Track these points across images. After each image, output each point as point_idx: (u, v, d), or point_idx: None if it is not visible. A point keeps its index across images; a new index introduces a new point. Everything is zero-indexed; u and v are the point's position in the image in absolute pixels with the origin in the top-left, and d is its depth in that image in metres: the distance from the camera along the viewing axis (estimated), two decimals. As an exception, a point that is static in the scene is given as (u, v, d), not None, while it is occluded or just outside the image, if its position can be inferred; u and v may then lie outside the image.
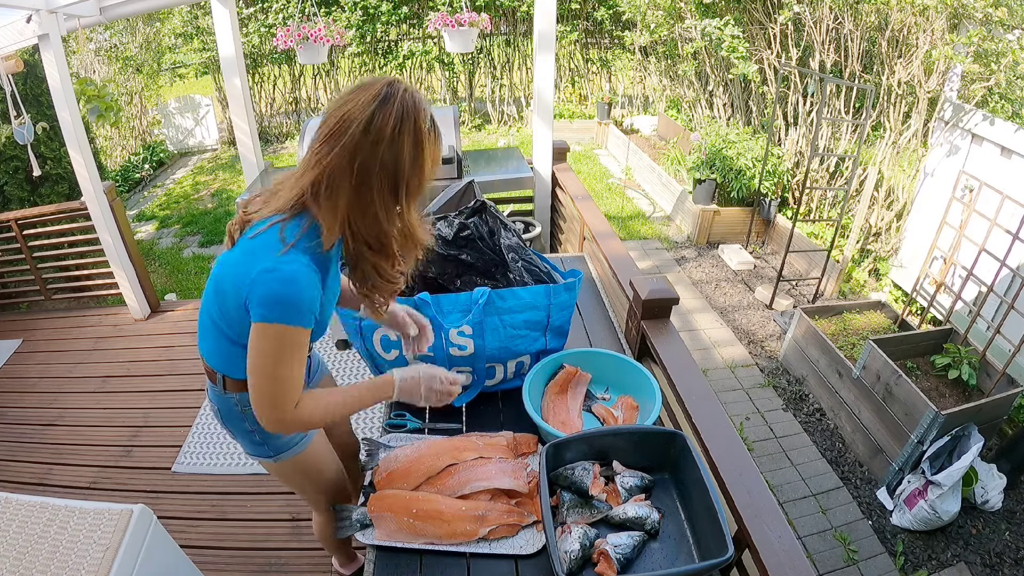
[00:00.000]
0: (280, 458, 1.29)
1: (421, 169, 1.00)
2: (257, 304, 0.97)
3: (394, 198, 1.00)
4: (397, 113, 0.95)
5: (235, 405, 1.21)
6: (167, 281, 4.60)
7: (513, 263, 1.52)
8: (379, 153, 0.95)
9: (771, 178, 4.58)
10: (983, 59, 3.52)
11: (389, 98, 0.95)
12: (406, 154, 0.97)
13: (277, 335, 0.98)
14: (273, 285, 0.95)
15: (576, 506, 1.18)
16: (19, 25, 2.68)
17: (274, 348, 0.99)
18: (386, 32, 7.37)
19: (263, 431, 1.19)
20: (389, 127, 0.94)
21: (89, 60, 6.61)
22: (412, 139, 0.97)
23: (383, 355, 1.43)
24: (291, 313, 0.97)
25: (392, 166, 0.97)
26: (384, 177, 0.97)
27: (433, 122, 1.01)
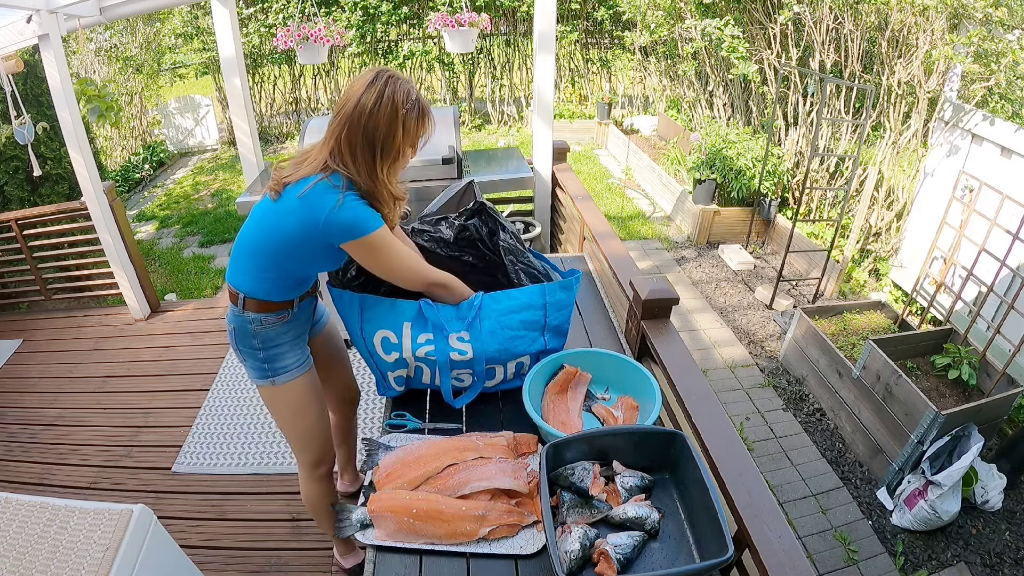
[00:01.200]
0: (278, 381, 1.48)
1: (394, 138, 1.25)
2: (340, 233, 1.24)
3: (373, 159, 1.26)
4: (378, 93, 1.21)
5: (248, 323, 1.42)
6: (167, 281, 4.60)
7: (511, 265, 1.52)
8: (363, 124, 1.23)
9: (771, 178, 4.58)
10: (983, 59, 3.52)
11: (374, 81, 1.22)
12: (381, 123, 1.22)
13: (371, 241, 1.26)
14: (346, 213, 1.23)
15: (576, 506, 1.18)
16: (19, 25, 2.68)
17: (376, 253, 1.29)
18: (386, 32, 7.38)
19: (270, 349, 1.45)
20: (370, 103, 1.21)
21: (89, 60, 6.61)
22: (388, 113, 1.22)
23: (383, 356, 1.43)
24: (367, 222, 1.25)
25: (371, 134, 1.23)
26: (366, 143, 1.24)
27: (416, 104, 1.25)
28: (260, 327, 1.42)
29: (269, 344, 1.45)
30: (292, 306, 1.45)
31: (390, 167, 1.29)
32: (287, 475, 2.37)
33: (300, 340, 1.52)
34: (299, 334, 1.52)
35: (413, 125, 1.26)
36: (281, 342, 1.46)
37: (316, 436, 1.62)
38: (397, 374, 1.48)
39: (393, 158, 1.28)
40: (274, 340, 1.45)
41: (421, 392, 1.59)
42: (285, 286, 1.40)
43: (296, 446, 1.64)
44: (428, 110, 1.29)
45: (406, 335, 1.40)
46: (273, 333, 1.44)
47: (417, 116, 1.26)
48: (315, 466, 1.67)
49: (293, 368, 1.49)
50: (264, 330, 1.43)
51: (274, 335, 1.44)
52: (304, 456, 1.65)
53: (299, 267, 1.38)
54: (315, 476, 1.69)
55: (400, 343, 1.41)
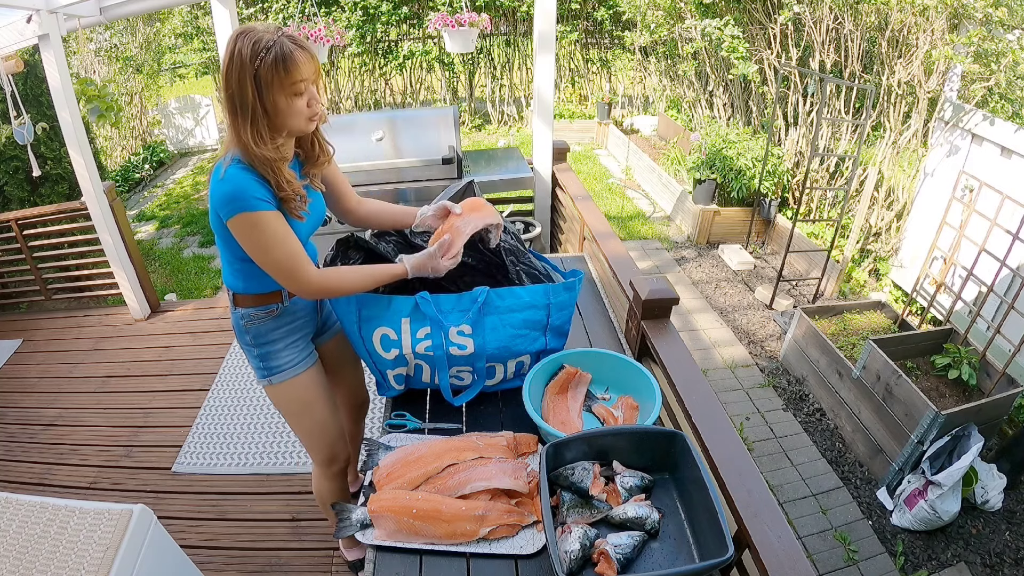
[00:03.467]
0: (275, 380, 1.47)
1: (245, 95, 1.15)
2: (219, 207, 1.19)
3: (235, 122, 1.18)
4: (229, 51, 1.14)
5: (240, 319, 1.41)
6: (167, 281, 4.60)
7: (512, 266, 1.52)
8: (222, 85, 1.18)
9: (771, 178, 4.58)
10: (983, 59, 3.52)
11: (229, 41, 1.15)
12: (234, 83, 1.14)
13: (246, 221, 1.18)
14: (224, 186, 1.17)
15: (576, 506, 1.18)
16: (19, 25, 2.68)
17: (250, 233, 1.20)
18: (386, 32, 7.38)
19: (260, 345, 1.43)
20: (224, 62, 1.15)
21: (89, 60, 6.62)
22: (238, 70, 1.13)
23: (383, 355, 1.43)
24: (243, 202, 1.17)
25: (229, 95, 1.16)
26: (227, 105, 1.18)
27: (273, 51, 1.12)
28: (250, 322, 1.41)
29: (261, 340, 1.43)
30: (280, 299, 1.42)
31: (254, 127, 1.18)
32: (287, 475, 2.37)
33: (298, 339, 1.49)
34: (296, 332, 1.48)
35: (268, 74, 1.13)
36: (273, 339, 1.44)
37: (323, 434, 1.60)
38: (397, 372, 1.48)
39: (252, 116, 1.16)
40: (265, 336, 1.43)
41: (421, 392, 1.59)
42: (258, 274, 1.32)
43: (304, 444, 1.64)
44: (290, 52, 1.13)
45: (405, 331, 1.40)
46: (264, 329, 1.42)
47: (274, 63, 1.13)
48: (327, 464, 1.66)
49: (288, 367, 1.47)
50: (254, 325, 1.41)
51: (264, 331, 1.42)
52: (314, 454, 1.65)
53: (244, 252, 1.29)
54: (328, 474, 1.68)
55: (399, 339, 1.41)
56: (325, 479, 1.69)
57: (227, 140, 1.23)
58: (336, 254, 1.50)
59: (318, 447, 1.62)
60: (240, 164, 1.20)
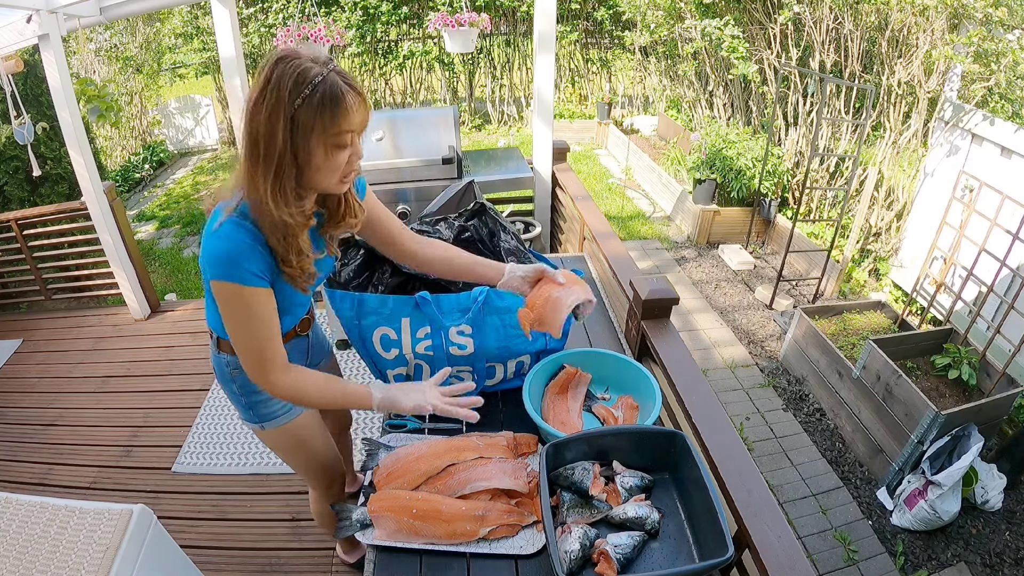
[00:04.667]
0: (266, 426, 1.36)
1: (274, 140, 0.93)
2: (205, 264, 1.02)
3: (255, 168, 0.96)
4: (264, 83, 0.92)
5: (225, 366, 1.29)
6: (167, 281, 4.61)
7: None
8: (246, 126, 0.95)
9: (771, 178, 4.58)
10: (983, 59, 3.52)
11: (262, 69, 0.93)
12: (263, 125, 0.93)
13: (228, 293, 1.02)
14: (211, 243, 1.00)
15: (576, 506, 1.18)
16: (19, 25, 2.68)
17: (231, 307, 1.04)
18: (386, 32, 7.37)
19: (248, 395, 1.30)
20: (253, 95, 0.93)
21: (89, 60, 6.62)
22: (272, 109, 0.91)
23: (383, 354, 1.43)
24: (230, 269, 0.99)
25: (253, 138, 0.94)
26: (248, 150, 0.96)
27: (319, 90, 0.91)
28: (236, 371, 1.25)
29: (248, 389, 1.29)
30: None
31: (276, 180, 0.96)
32: (287, 475, 2.37)
33: None
34: None
35: (310, 117, 0.92)
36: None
37: (321, 466, 1.53)
38: (397, 372, 1.48)
39: (277, 166, 0.94)
40: (253, 386, 1.25)
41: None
42: None
43: (303, 476, 1.58)
44: (342, 94, 0.93)
45: (405, 330, 1.40)
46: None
47: (320, 104, 0.91)
48: (327, 488, 1.61)
49: (282, 414, 1.35)
50: (241, 374, 1.25)
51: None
52: (313, 483, 1.60)
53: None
54: (328, 496, 1.63)
55: (399, 339, 1.40)
56: (325, 500, 1.64)
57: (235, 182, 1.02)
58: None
59: (317, 477, 1.56)
60: (245, 220, 1.01)
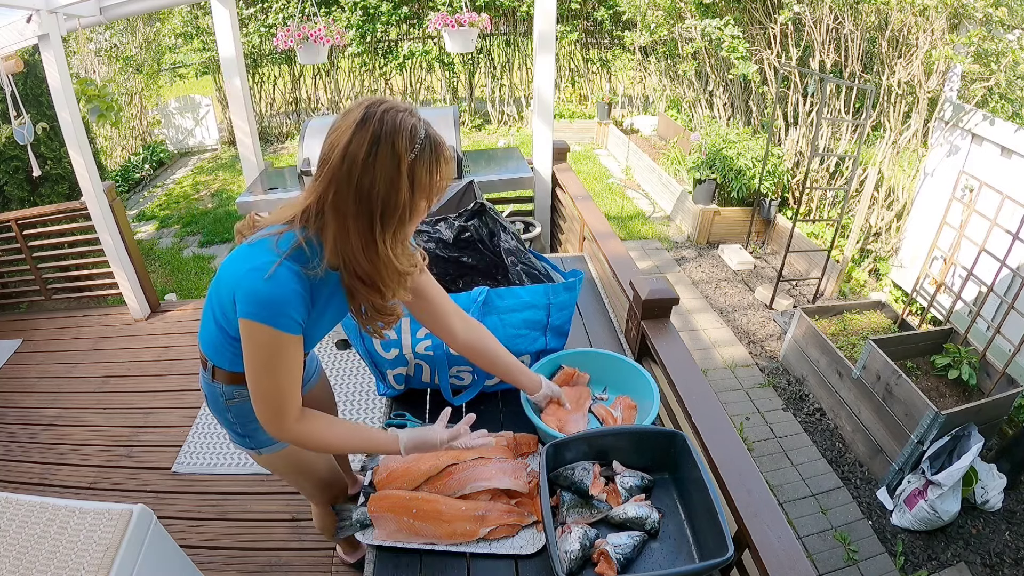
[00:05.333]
0: (264, 452, 1.33)
1: (398, 196, 0.93)
2: (242, 300, 0.97)
3: (371, 228, 0.95)
4: (372, 137, 0.90)
5: (220, 396, 1.23)
6: (167, 281, 4.60)
7: (512, 267, 1.52)
8: (353, 181, 0.91)
9: (771, 178, 4.57)
10: (983, 59, 3.52)
11: (365, 122, 0.91)
12: (380, 181, 0.91)
13: (262, 336, 0.98)
14: (257, 283, 0.95)
15: (576, 506, 1.18)
16: (19, 25, 2.68)
17: (261, 351, 1.00)
18: (386, 32, 7.38)
19: (244, 424, 1.26)
20: (362, 153, 0.90)
21: (89, 60, 6.62)
22: (388, 164, 0.91)
23: (383, 355, 1.43)
24: (273, 314, 0.96)
25: (367, 193, 0.92)
26: (359, 206, 0.93)
27: (427, 144, 0.93)
28: (232, 401, 1.22)
29: (245, 419, 1.25)
30: None
31: (395, 235, 0.98)
32: (287, 475, 2.37)
33: None
34: None
35: (423, 173, 0.94)
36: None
37: (322, 483, 1.50)
38: (397, 372, 1.48)
39: (399, 223, 0.96)
40: (249, 415, 1.14)
41: (421, 392, 1.59)
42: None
43: (305, 495, 1.55)
44: (443, 147, 0.97)
45: (405, 331, 1.40)
46: (247, 408, 1.10)
47: (430, 160, 0.94)
48: (329, 503, 1.57)
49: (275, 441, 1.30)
50: (237, 404, 1.22)
51: (248, 410, 1.10)
52: (315, 500, 1.57)
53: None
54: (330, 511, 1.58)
55: (399, 340, 1.40)
56: (328, 515, 1.60)
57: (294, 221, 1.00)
58: None
59: (317, 495, 1.53)
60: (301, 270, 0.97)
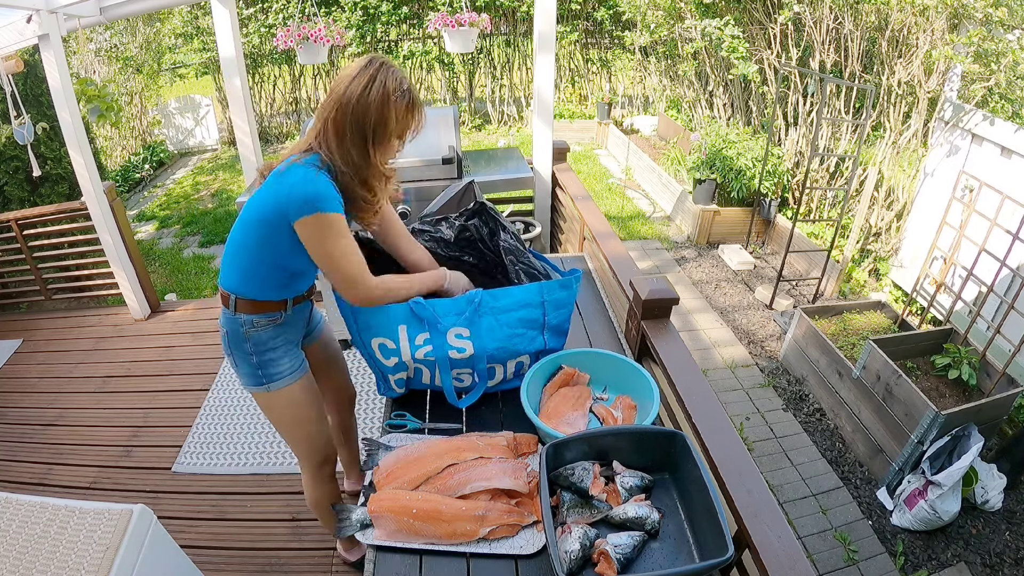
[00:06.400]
0: (272, 387, 1.46)
1: (384, 123, 1.25)
2: (298, 205, 1.22)
3: (364, 143, 1.27)
4: (369, 78, 1.23)
5: (240, 326, 1.40)
6: (167, 281, 4.61)
7: (511, 266, 1.52)
8: (351, 107, 1.24)
9: (771, 178, 4.58)
10: (983, 59, 3.52)
11: (367, 67, 1.24)
12: (372, 110, 1.23)
13: (322, 222, 1.24)
14: (307, 186, 1.23)
15: (576, 506, 1.18)
16: (19, 25, 2.68)
17: (325, 234, 1.25)
18: (386, 32, 7.38)
19: (261, 353, 1.43)
20: (360, 88, 1.23)
21: (89, 60, 6.62)
22: (379, 98, 1.23)
23: (383, 360, 1.43)
24: (325, 201, 1.23)
25: (361, 117, 1.24)
26: (355, 126, 1.25)
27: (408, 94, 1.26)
28: (252, 329, 1.40)
29: (262, 348, 1.43)
30: (285, 307, 1.43)
31: (383, 150, 1.30)
32: (287, 475, 2.37)
33: (294, 345, 1.51)
34: (292, 339, 1.50)
35: (403, 114, 1.27)
36: (274, 346, 1.44)
37: (316, 438, 1.61)
38: (397, 377, 1.48)
39: (385, 144, 1.29)
40: (267, 344, 1.42)
41: (421, 392, 1.59)
42: (275, 283, 1.38)
43: (297, 450, 1.64)
44: (418, 102, 1.30)
45: (403, 338, 1.39)
46: (265, 336, 1.41)
47: (407, 106, 1.27)
48: (320, 467, 1.66)
49: (287, 374, 1.47)
50: (256, 332, 1.41)
51: (266, 339, 1.41)
52: (307, 460, 1.65)
53: (281, 257, 1.34)
54: (320, 477, 1.68)
55: (398, 347, 1.40)
56: (317, 483, 1.70)
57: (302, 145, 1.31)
58: None
59: (309, 453, 1.63)
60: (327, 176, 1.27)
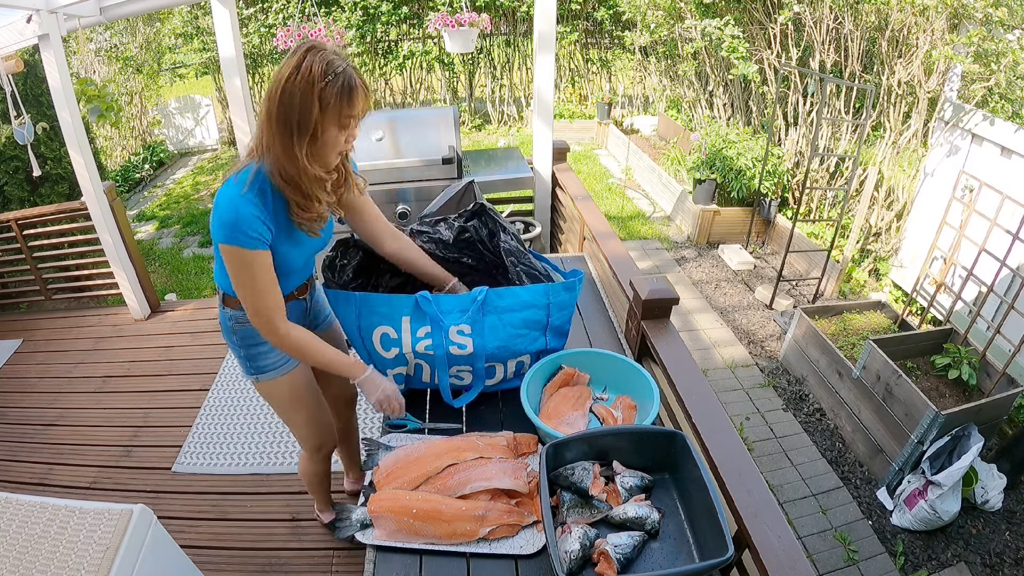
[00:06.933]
0: (261, 378, 1.50)
1: (309, 113, 1.13)
2: (216, 230, 1.18)
3: (290, 138, 1.15)
4: (295, 66, 1.11)
5: (228, 320, 1.43)
6: (167, 281, 4.61)
7: (512, 267, 1.52)
8: (276, 98, 1.13)
9: (771, 178, 4.57)
10: (983, 59, 3.52)
11: (295, 55, 1.13)
12: (296, 96, 1.11)
13: (235, 255, 1.19)
14: (225, 214, 1.16)
15: (576, 506, 1.18)
16: (19, 25, 2.68)
17: (238, 267, 1.21)
18: (386, 32, 7.37)
19: (248, 347, 1.45)
20: (285, 74, 1.12)
21: (89, 60, 6.62)
22: (304, 87, 1.11)
23: (382, 353, 1.43)
24: (240, 233, 1.16)
25: (286, 109, 1.13)
26: (281, 119, 1.14)
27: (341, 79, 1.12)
28: (238, 324, 1.41)
29: (248, 342, 1.44)
30: None
31: (310, 148, 1.17)
32: (287, 475, 2.37)
33: None
34: None
35: (333, 100, 1.13)
36: (260, 341, 1.43)
37: (313, 425, 1.68)
38: (396, 372, 1.48)
39: (311, 136, 1.15)
40: (253, 338, 1.42)
41: (421, 392, 1.59)
42: None
43: (295, 433, 1.72)
44: (356, 85, 1.15)
45: (405, 329, 1.40)
46: (251, 331, 1.39)
47: (340, 90, 1.13)
48: (316, 450, 1.75)
49: (273, 368, 1.49)
50: (243, 327, 1.41)
51: (252, 332, 1.39)
52: (304, 442, 1.73)
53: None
54: (316, 458, 1.79)
55: (400, 338, 1.41)
56: (313, 463, 1.81)
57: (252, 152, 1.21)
58: (336, 254, 1.50)
59: (307, 437, 1.70)
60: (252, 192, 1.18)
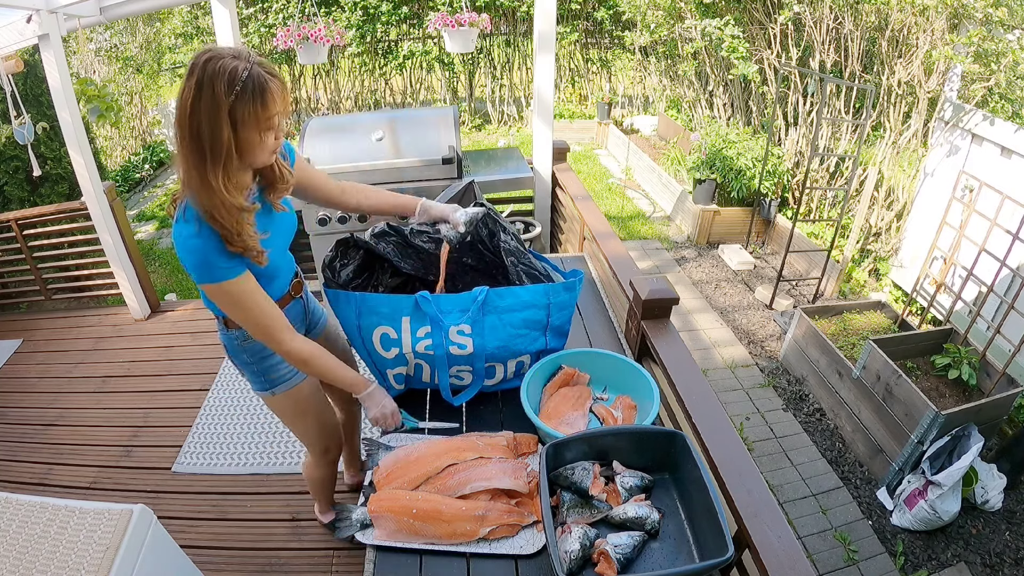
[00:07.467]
0: (277, 391, 1.48)
1: (221, 135, 1.02)
2: (193, 272, 1.13)
3: (203, 166, 1.04)
4: (196, 84, 1.00)
5: (234, 339, 1.40)
6: (167, 281, 4.61)
7: (513, 267, 1.51)
8: (185, 125, 1.02)
9: (771, 178, 4.57)
10: (983, 59, 3.52)
11: (192, 71, 1.00)
12: (205, 123, 1.01)
13: (220, 290, 1.15)
14: (191, 256, 1.10)
15: (576, 506, 1.18)
16: (19, 25, 2.68)
17: (223, 300, 1.18)
18: (386, 32, 7.37)
19: (259, 361, 1.43)
20: (188, 98, 1.00)
21: (89, 60, 6.62)
22: (210, 107, 1.00)
23: (383, 354, 1.43)
24: (208, 271, 1.11)
25: (196, 135, 1.02)
26: (193, 146, 1.03)
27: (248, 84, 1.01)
28: (245, 342, 1.39)
29: (258, 356, 1.42)
30: None
31: (225, 171, 1.06)
32: (287, 475, 2.37)
33: None
34: None
35: (247, 112, 1.02)
36: (270, 353, 1.41)
37: (323, 431, 1.67)
38: (397, 372, 1.48)
39: (226, 157, 1.05)
40: (262, 351, 1.41)
41: (421, 392, 1.59)
42: None
43: (305, 442, 1.70)
44: (268, 86, 1.03)
45: (405, 329, 1.40)
46: (259, 346, 1.38)
47: (251, 98, 1.01)
48: (324, 454, 1.74)
49: (289, 377, 1.48)
50: (251, 343, 1.39)
51: (260, 347, 1.39)
52: (312, 447, 1.72)
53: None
54: (323, 462, 1.77)
55: (400, 338, 1.40)
56: (319, 467, 1.78)
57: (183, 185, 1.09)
58: (335, 254, 1.50)
59: (315, 441, 1.69)
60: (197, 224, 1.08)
